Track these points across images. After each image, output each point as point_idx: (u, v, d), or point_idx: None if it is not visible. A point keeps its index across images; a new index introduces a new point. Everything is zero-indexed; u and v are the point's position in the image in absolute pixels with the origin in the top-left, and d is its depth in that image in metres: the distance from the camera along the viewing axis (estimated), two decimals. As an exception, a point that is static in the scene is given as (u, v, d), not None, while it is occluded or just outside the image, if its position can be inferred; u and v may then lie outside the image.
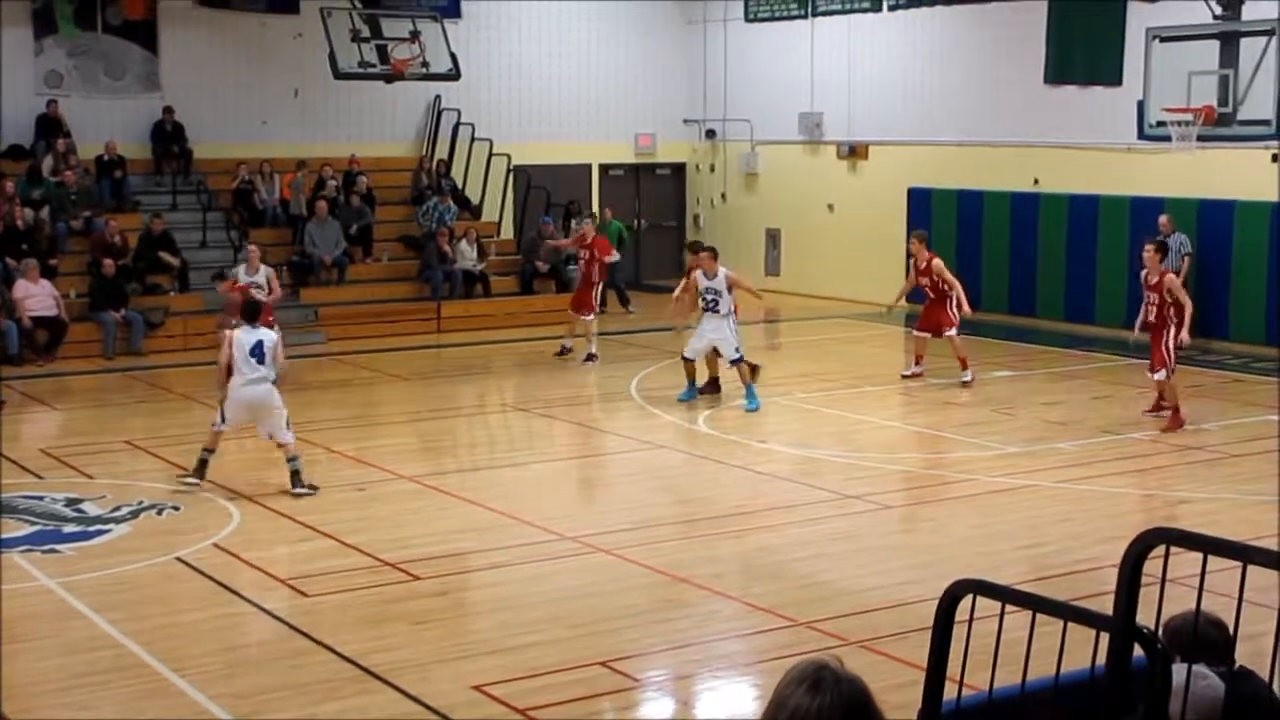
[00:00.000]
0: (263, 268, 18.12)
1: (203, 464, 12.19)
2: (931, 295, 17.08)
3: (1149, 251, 14.48)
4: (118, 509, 11.56)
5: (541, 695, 7.76)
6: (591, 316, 19.30)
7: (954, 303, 16.87)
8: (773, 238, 26.87)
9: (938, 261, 17.00)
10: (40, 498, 11.95)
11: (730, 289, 15.70)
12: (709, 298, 15.78)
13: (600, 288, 20.19)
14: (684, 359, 16.02)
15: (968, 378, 16.70)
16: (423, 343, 20.73)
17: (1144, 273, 14.62)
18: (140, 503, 11.74)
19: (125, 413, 15.41)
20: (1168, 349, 14.25)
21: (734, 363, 15.70)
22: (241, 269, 18.17)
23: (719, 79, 27.38)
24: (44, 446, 14.23)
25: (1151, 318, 14.39)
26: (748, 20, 26.85)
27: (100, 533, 10.98)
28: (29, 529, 11.00)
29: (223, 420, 12.22)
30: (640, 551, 10.48)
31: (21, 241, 21.08)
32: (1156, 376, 14.48)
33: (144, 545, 10.70)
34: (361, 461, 13.41)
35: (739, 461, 13.55)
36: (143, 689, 7.92)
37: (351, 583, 9.69)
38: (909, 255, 17.53)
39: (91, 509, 11.60)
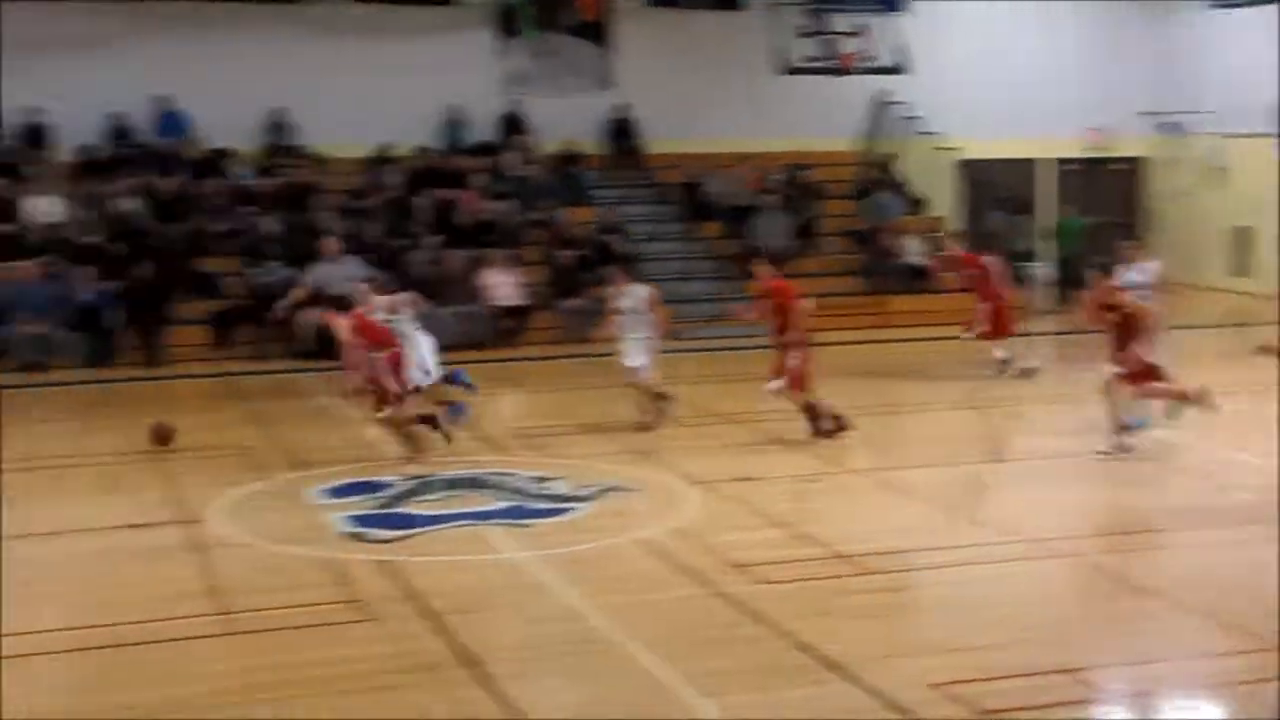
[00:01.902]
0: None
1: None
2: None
3: None
4: (582, 489, 12.02)
5: (1001, 699, 7.58)
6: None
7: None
8: (1242, 235, 25.40)
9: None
10: (510, 474, 12.58)
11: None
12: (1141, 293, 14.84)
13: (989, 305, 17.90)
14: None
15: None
16: (866, 337, 20.66)
17: None
18: (603, 484, 12.18)
19: (583, 397, 16.00)
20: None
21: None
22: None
23: (1181, 69, 26.10)
24: (512, 426, 15.02)
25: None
26: (1213, 6, 25.50)
27: (566, 510, 11.44)
28: (501, 503, 11.60)
29: None
30: (1101, 558, 10.12)
31: (488, 233, 22.28)
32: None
33: (607, 525, 11.09)
34: (811, 453, 13.49)
35: (1202, 468, 12.87)
36: (604, 663, 8.19)
37: (807, 572, 9.75)
38: None
39: (558, 487, 12.12)
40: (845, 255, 23.71)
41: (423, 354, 13.95)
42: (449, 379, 14.46)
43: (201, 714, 7.42)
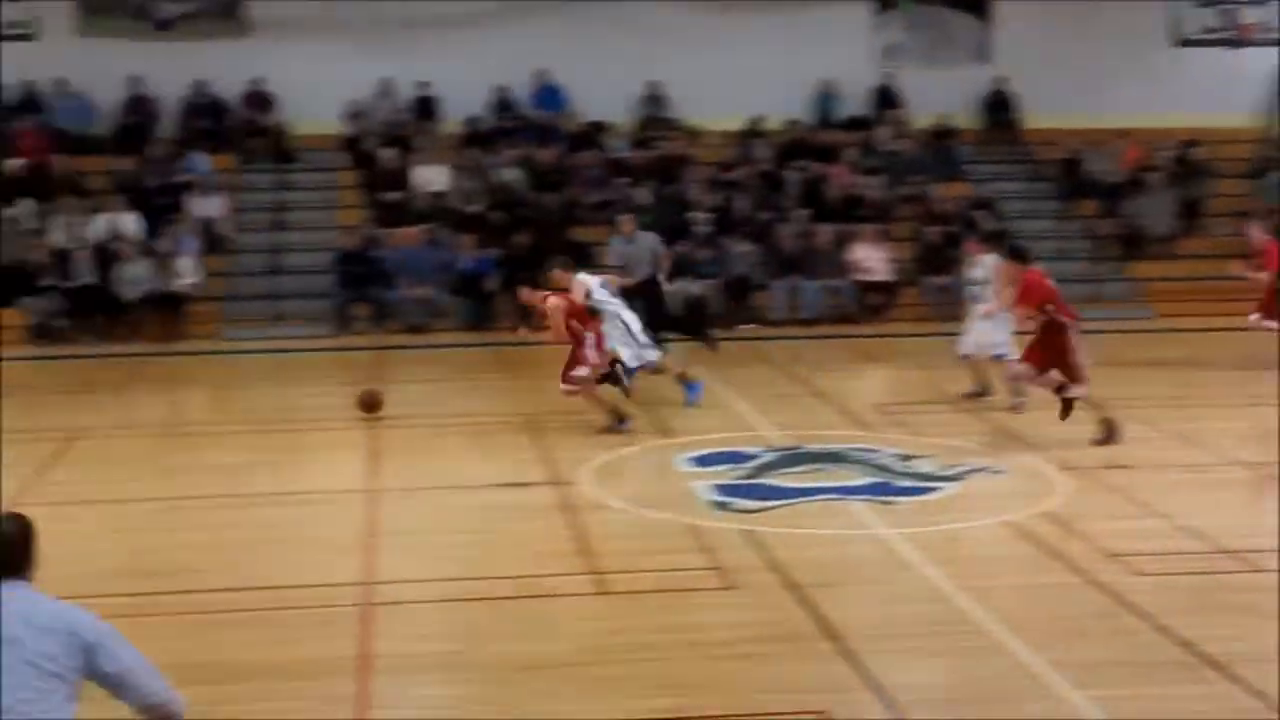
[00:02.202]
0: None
1: None
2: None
3: None
4: (948, 468, 11.79)
5: (1400, 713, 7.04)
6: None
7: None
8: None
9: None
10: (874, 451, 12.44)
11: None
12: None
13: None
14: None
15: None
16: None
17: None
18: (968, 464, 11.92)
19: (950, 375, 15.62)
20: None
21: None
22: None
23: None
24: (877, 402, 14.86)
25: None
26: None
27: (931, 489, 11.23)
28: (865, 480, 11.47)
29: None
30: None
31: (857, 208, 22.13)
32: None
33: (973, 506, 10.84)
34: (1191, 443, 12.87)
35: None
36: (970, 645, 7.98)
37: (1187, 566, 9.28)
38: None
39: (922, 466, 11.91)
40: (1237, 237, 22.47)
41: (631, 333, 14.01)
42: (684, 382, 14.56)
43: (572, 669, 7.59)
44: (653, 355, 14.18)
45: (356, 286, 20.59)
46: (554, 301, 13.46)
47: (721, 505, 10.78)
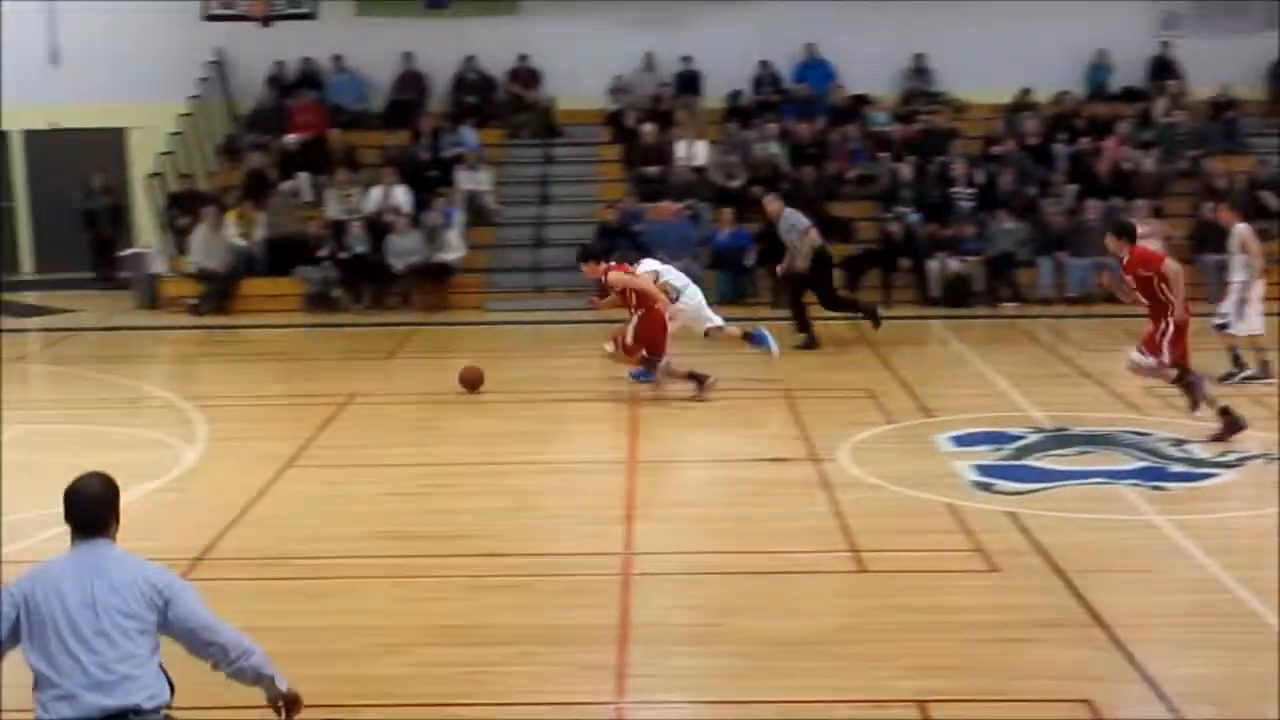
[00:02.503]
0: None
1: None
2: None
3: None
4: (1225, 454, 11.28)
5: None
6: None
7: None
8: None
9: None
10: (1146, 434, 11.99)
11: None
12: None
13: None
14: None
15: None
16: None
17: None
18: (1247, 450, 11.39)
19: (1224, 357, 14.96)
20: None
21: None
22: None
23: None
24: (1146, 384, 14.31)
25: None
26: None
27: (1207, 476, 10.79)
28: (1136, 464, 11.06)
29: None
30: None
31: (1130, 183, 21.39)
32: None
33: (1253, 494, 10.40)
34: None
35: None
36: (1249, 640, 7.64)
37: None
38: None
39: (1198, 451, 11.43)
40: None
41: (701, 309, 14.57)
42: (749, 337, 14.73)
43: (829, 647, 7.50)
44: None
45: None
46: (615, 276, 13.85)
47: (984, 486, 10.53)
